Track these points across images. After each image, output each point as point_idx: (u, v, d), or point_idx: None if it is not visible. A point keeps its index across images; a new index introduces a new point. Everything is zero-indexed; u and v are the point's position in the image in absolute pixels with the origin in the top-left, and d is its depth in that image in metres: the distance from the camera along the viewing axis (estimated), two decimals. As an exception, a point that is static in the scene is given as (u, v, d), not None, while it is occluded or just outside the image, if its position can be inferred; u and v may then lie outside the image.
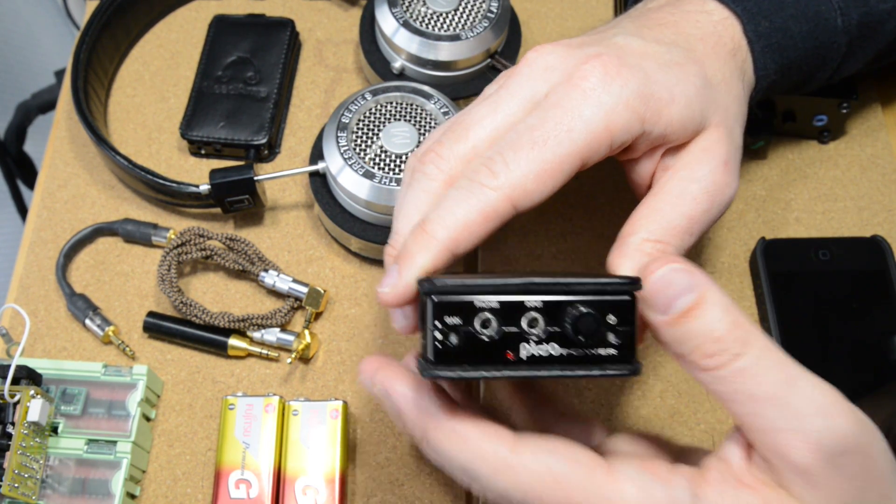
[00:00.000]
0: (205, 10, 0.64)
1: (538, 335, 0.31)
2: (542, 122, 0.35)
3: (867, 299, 0.49)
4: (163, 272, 0.51)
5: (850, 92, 0.53)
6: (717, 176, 0.37)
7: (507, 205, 0.34)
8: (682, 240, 0.36)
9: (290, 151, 0.58)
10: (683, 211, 0.36)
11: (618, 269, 0.36)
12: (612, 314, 0.31)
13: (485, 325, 0.31)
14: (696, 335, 0.30)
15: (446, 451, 0.32)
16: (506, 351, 0.31)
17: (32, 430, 0.44)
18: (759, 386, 0.29)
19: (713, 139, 0.38)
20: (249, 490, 0.45)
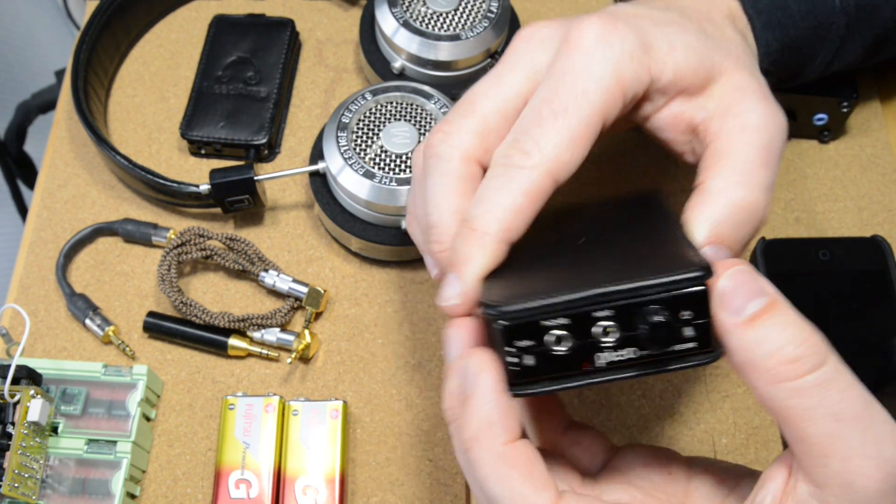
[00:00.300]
0: (205, 10, 0.64)
1: (613, 342, 0.30)
2: (556, 92, 0.34)
3: (867, 299, 0.49)
4: (163, 272, 0.51)
5: (851, 90, 0.53)
6: (764, 106, 0.36)
7: (548, 181, 0.34)
8: (761, 176, 0.34)
9: (290, 151, 0.58)
10: (752, 142, 0.35)
11: (699, 219, 0.34)
12: (685, 310, 0.29)
13: (558, 342, 0.30)
14: (774, 339, 0.28)
15: (484, 473, 0.30)
16: (583, 362, 0.30)
17: (32, 430, 0.44)
18: (843, 402, 0.27)
19: (740, 79, 0.37)
20: (249, 490, 0.45)
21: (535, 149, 0.34)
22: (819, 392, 0.27)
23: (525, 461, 0.30)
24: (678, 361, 0.30)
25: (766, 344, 0.28)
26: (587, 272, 0.31)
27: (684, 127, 0.38)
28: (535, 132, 0.34)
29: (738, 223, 0.33)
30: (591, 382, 0.31)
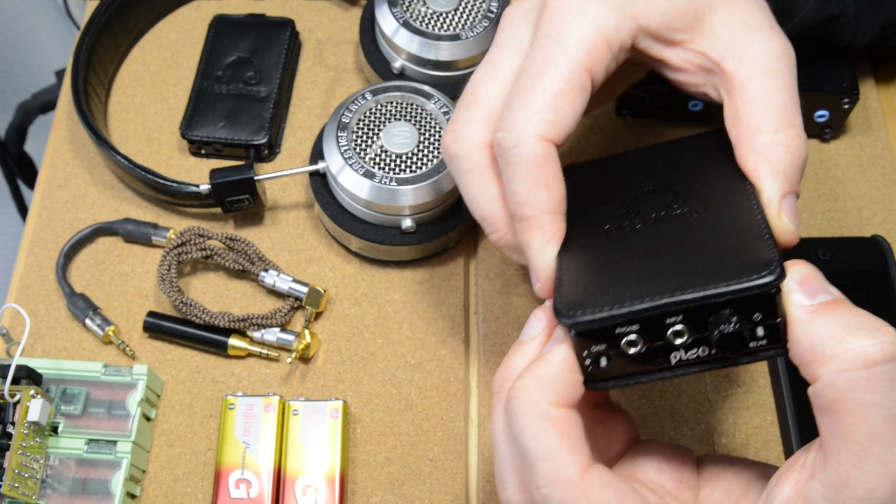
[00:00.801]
0: (205, 10, 0.64)
1: (685, 342, 0.30)
2: (533, 59, 0.35)
3: (867, 299, 0.49)
4: (163, 272, 0.51)
5: (852, 87, 0.53)
6: (775, 41, 0.36)
7: (545, 145, 0.34)
8: (796, 115, 0.35)
9: (290, 151, 0.58)
10: (777, 86, 0.35)
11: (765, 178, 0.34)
12: (757, 312, 0.30)
13: (630, 345, 0.31)
14: (845, 324, 0.28)
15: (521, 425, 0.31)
16: (656, 360, 0.31)
17: (32, 430, 0.44)
18: None
19: (742, 13, 0.36)
20: (249, 490, 0.45)
21: (512, 118, 0.34)
22: (884, 387, 0.26)
23: (566, 424, 0.31)
24: (749, 356, 0.31)
25: (836, 328, 0.27)
26: (657, 268, 0.31)
27: (696, 68, 0.37)
28: (515, 102, 0.34)
29: (797, 167, 0.34)
30: (665, 377, 0.31)
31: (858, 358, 0.27)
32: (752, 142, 0.34)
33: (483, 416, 0.49)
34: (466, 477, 0.48)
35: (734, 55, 0.36)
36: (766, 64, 0.35)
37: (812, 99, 0.53)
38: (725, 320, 0.29)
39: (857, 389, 0.26)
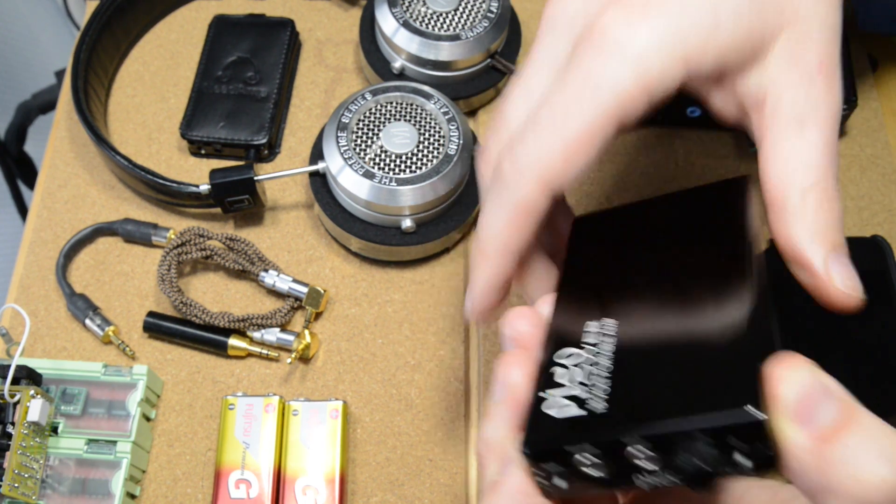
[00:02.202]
0: (205, 10, 0.64)
1: (654, 468, 0.25)
2: (561, 91, 0.31)
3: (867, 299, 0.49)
4: (163, 272, 0.51)
5: (849, 94, 0.53)
6: (818, 87, 0.31)
7: (540, 192, 0.31)
8: (832, 173, 0.31)
9: (290, 151, 0.58)
10: (812, 141, 0.31)
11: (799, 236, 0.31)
12: (738, 446, 0.24)
13: (591, 468, 0.26)
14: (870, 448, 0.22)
15: None
16: (621, 481, 0.26)
17: (32, 430, 0.44)
18: None
19: (794, 47, 0.32)
20: (249, 490, 0.45)
21: (524, 158, 0.31)
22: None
23: None
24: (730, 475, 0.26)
25: (855, 464, 0.22)
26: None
27: (737, 108, 0.34)
28: (529, 137, 0.32)
29: (834, 225, 0.31)
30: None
31: (882, 492, 0.22)
32: (783, 205, 0.31)
33: (483, 415, 0.49)
34: (466, 477, 0.48)
35: (774, 99, 0.32)
36: (804, 114, 0.31)
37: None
38: (699, 455, 0.24)
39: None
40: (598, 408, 0.26)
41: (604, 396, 0.27)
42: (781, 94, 0.32)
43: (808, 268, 0.31)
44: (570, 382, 0.28)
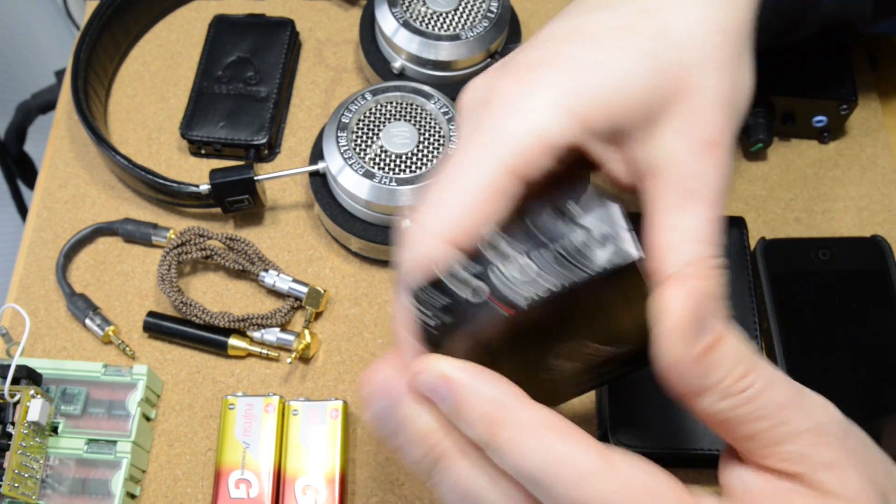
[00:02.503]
0: (205, 10, 0.64)
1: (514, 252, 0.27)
2: (464, 151, 0.32)
3: (867, 299, 0.49)
4: (163, 272, 0.51)
5: (850, 92, 0.53)
6: (707, 161, 0.32)
7: (442, 248, 0.31)
8: (712, 246, 0.32)
9: (290, 151, 0.58)
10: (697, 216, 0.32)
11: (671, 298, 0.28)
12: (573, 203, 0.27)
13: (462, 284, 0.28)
14: (728, 360, 0.27)
15: (517, 451, 0.27)
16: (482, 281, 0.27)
17: (32, 430, 0.44)
18: (785, 393, 0.28)
19: (685, 118, 0.33)
20: (249, 490, 0.45)
21: (428, 217, 0.32)
22: (767, 391, 0.28)
23: (555, 421, 0.28)
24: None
25: (721, 367, 0.27)
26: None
27: (628, 172, 0.34)
28: (434, 198, 0.32)
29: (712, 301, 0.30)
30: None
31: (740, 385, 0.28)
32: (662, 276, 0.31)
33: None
34: (466, 477, 0.48)
35: (665, 170, 0.33)
36: (692, 189, 0.32)
37: (810, 105, 0.54)
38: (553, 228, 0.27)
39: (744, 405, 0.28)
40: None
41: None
42: (671, 166, 0.32)
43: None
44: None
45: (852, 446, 0.29)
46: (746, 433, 0.28)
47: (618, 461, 0.27)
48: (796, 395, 0.28)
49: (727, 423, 0.28)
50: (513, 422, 0.27)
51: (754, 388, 0.28)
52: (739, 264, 0.50)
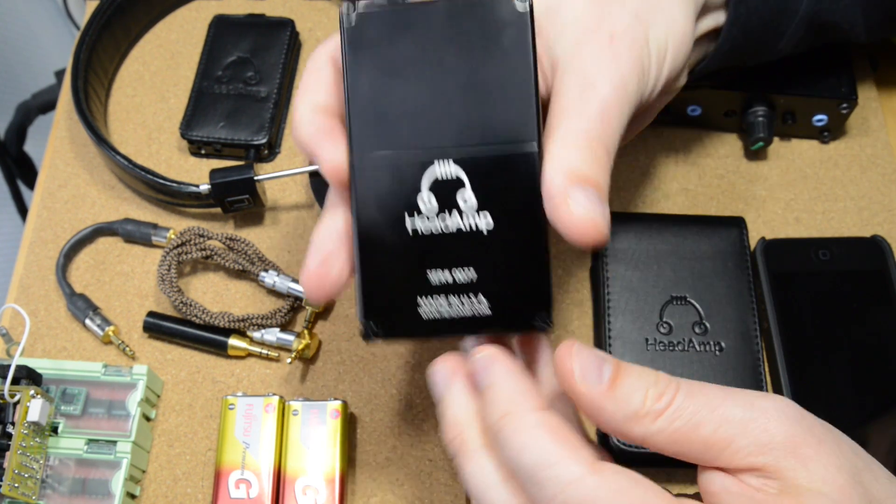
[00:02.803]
0: (205, 10, 0.64)
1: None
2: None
3: (867, 299, 0.49)
4: (163, 272, 0.51)
5: (850, 92, 0.53)
6: (605, 53, 0.35)
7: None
8: (602, 126, 0.34)
9: (290, 151, 0.58)
10: (590, 97, 0.34)
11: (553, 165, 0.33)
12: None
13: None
14: (638, 384, 0.30)
15: (516, 446, 0.30)
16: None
17: (32, 430, 0.44)
18: (711, 394, 0.30)
19: (588, 16, 0.36)
20: (249, 490, 0.45)
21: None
22: (693, 399, 0.30)
23: (558, 425, 0.31)
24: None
25: (636, 394, 0.30)
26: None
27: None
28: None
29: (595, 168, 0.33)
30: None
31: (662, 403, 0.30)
32: (550, 136, 0.34)
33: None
34: (466, 477, 0.48)
35: (564, 63, 0.36)
36: (589, 75, 0.35)
37: (810, 104, 0.53)
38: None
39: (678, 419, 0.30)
40: None
41: None
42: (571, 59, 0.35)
43: (548, 192, 0.32)
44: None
45: (807, 425, 0.29)
46: (698, 447, 0.29)
47: (607, 472, 0.29)
48: (725, 393, 0.30)
49: (677, 444, 0.30)
50: (520, 417, 0.31)
51: (677, 400, 0.30)
52: (739, 264, 0.50)
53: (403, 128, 0.33)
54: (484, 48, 0.33)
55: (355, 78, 0.34)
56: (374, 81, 0.33)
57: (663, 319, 0.48)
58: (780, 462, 0.29)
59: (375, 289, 0.33)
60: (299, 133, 0.35)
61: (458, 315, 0.33)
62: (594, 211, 0.32)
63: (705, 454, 0.30)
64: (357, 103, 0.33)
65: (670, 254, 0.50)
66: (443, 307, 0.33)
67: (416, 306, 0.33)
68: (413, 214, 0.33)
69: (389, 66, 0.33)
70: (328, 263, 0.35)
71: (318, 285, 0.35)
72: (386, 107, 0.33)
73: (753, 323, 0.48)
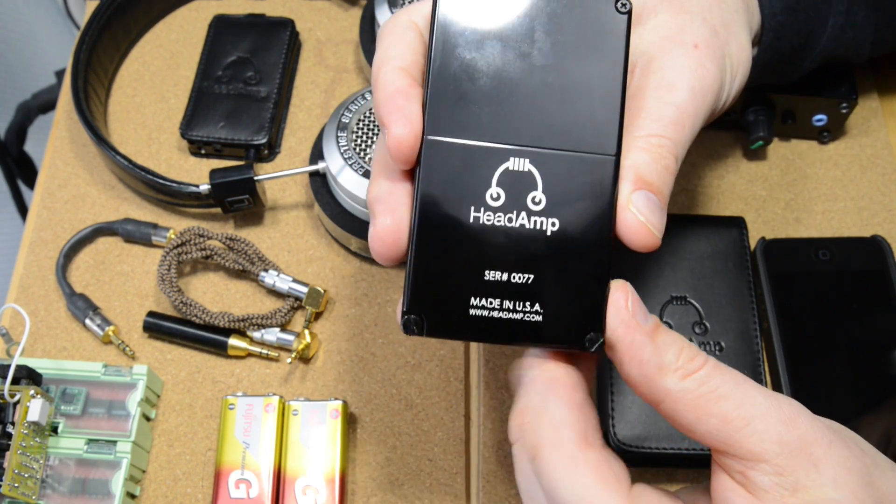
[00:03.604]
0: (205, 10, 0.64)
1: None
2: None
3: (867, 299, 0.49)
4: (163, 272, 0.51)
5: (850, 92, 0.53)
6: (689, 60, 0.36)
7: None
8: (676, 131, 0.35)
9: (290, 151, 0.58)
10: (667, 100, 0.35)
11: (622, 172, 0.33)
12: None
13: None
14: (674, 343, 0.31)
15: (555, 475, 0.31)
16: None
17: (32, 430, 0.44)
18: (733, 373, 0.30)
19: (671, 24, 0.37)
20: (249, 490, 0.45)
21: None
22: (720, 372, 0.30)
23: (597, 462, 0.31)
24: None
25: (671, 348, 0.31)
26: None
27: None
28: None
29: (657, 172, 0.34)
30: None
31: (696, 363, 0.31)
32: (627, 146, 0.34)
33: (483, 415, 0.49)
34: (466, 477, 0.48)
35: (644, 64, 0.36)
36: (666, 78, 0.36)
37: (810, 103, 0.53)
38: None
39: (706, 383, 0.31)
40: None
41: None
42: (651, 60, 0.36)
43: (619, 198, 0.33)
44: None
45: (819, 427, 0.30)
46: (716, 421, 0.30)
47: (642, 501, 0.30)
48: (747, 379, 0.30)
49: (696, 411, 0.30)
50: (558, 447, 0.31)
51: (706, 367, 0.30)
52: (739, 264, 0.50)
53: (483, 116, 0.32)
54: (576, 47, 0.32)
55: (442, 55, 0.32)
56: (460, 63, 0.32)
57: (663, 319, 0.48)
58: (792, 459, 0.29)
59: (427, 281, 0.32)
60: (381, 93, 0.33)
61: (508, 318, 0.32)
62: (652, 217, 0.32)
63: (721, 430, 0.29)
64: (439, 82, 0.32)
65: (670, 254, 0.50)
66: (494, 309, 0.32)
67: (467, 306, 0.32)
68: (480, 209, 0.32)
69: (478, 49, 0.32)
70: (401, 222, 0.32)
71: (394, 244, 0.33)
72: (468, 91, 0.32)
73: (753, 323, 0.48)
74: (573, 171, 0.32)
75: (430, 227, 0.32)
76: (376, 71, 0.33)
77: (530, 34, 0.32)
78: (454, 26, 0.32)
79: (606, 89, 0.32)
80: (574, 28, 0.32)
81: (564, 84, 0.32)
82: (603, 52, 0.32)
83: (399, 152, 0.31)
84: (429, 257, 0.32)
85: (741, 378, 0.30)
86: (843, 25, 0.46)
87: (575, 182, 0.32)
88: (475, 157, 0.32)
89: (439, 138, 0.32)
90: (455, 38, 0.32)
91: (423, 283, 0.32)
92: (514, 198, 0.32)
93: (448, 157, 0.32)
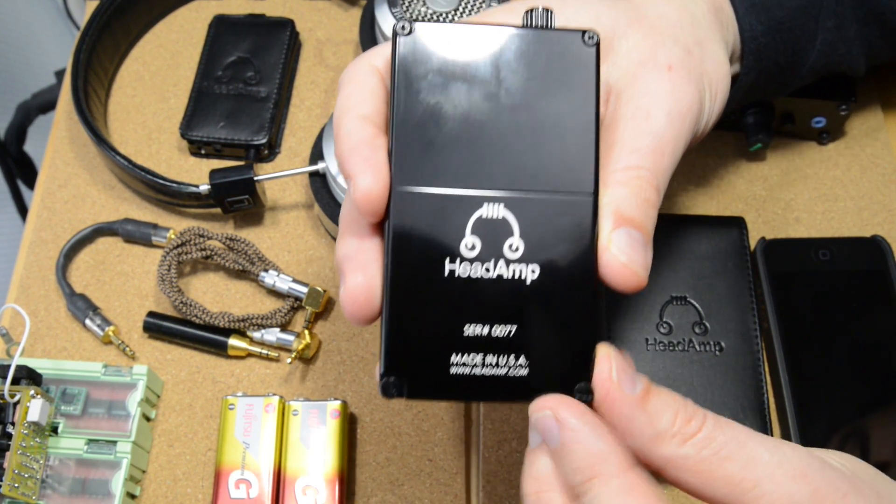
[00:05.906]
0: (205, 10, 0.64)
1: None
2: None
3: (867, 299, 0.49)
4: (163, 272, 0.51)
5: (849, 94, 0.53)
6: (664, 84, 0.35)
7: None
8: (654, 161, 0.33)
9: (290, 151, 0.58)
10: (644, 129, 0.34)
11: (601, 208, 0.32)
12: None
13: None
14: (668, 405, 0.28)
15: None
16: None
17: (32, 430, 0.44)
18: (737, 430, 0.28)
19: (643, 46, 0.36)
20: (249, 490, 0.45)
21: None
22: (721, 431, 0.28)
23: (645, 486, 0.29)
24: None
25: (666, 412, 0.28)
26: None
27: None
28: None
29: (636, 205, 0.32)
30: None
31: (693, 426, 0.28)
32: (604, 181, 0.33)
33: (483, 415, 0.49)
34: (466, 477, 0.48)
35: (617, 93, 0.35)
36: (642, 106, 0.34)
37: (809, 106, 0.53)
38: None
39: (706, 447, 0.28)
40: None
41: None
42: (627, 86, 0.35)
43: (599, 235, 0.31)
44: None
45: (830, 478, 0.28)
46: (721, 485, 0.28)
47: None
48: (749, 432, 0.28)
49: (700, 476, 0.28)
50: (608, 480, 0.28)
51: (705, 428, 0.28)
52: (739, 264, 0.50)
53: (452, 163, 0.30)
54: (545, 84, 0.31)
55: (405, 101, 0.30)
56: (425, 108, 0.30)
57: (663, 319, 0.48)
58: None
59: (404, 340, 0.30)
60: (344, 145, 0.31)
61: (492, 374, 0.30)
62: (634, 256, 0.31)
63: (728, 494, 0.28)
64: (403, 129, 0.30)
65: (670, 254, 0.50)
66: (476, 366, 0.30)
67: (448, 364, 0.30)
68: (455, 261, 0.30)
69: (443, 92, 0.31)
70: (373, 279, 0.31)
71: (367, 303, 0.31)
72: (435, 137, 0.30)
73: (753, 323, 0.48)
74: (550, 214, 0.30)
75: (404, 283, 0.30)
76: (337, 122, 0.32)
77: (496, 73, 0.31)
78: (416, 69, 0.31)
79: (579, 125, 0.31)
80: (541, 65, 0.31)
81: (535, 123, 0.31)
82: (572, 87, 0.31)
83: (368, 204, 0.30)
84: (404, 315, 0.30)
85: (744, 434, 0.28)
86: (832, 41, 0.46)
87: (552, 225, 0.30)
88: (447, 205, 0.30)
89: (408, 188, 0.30)
90: (418, 81, 0.31)
91: (400, 342, 0.30)
92: (490, 246, 0.30)
93: (418, 208, 0.30)
